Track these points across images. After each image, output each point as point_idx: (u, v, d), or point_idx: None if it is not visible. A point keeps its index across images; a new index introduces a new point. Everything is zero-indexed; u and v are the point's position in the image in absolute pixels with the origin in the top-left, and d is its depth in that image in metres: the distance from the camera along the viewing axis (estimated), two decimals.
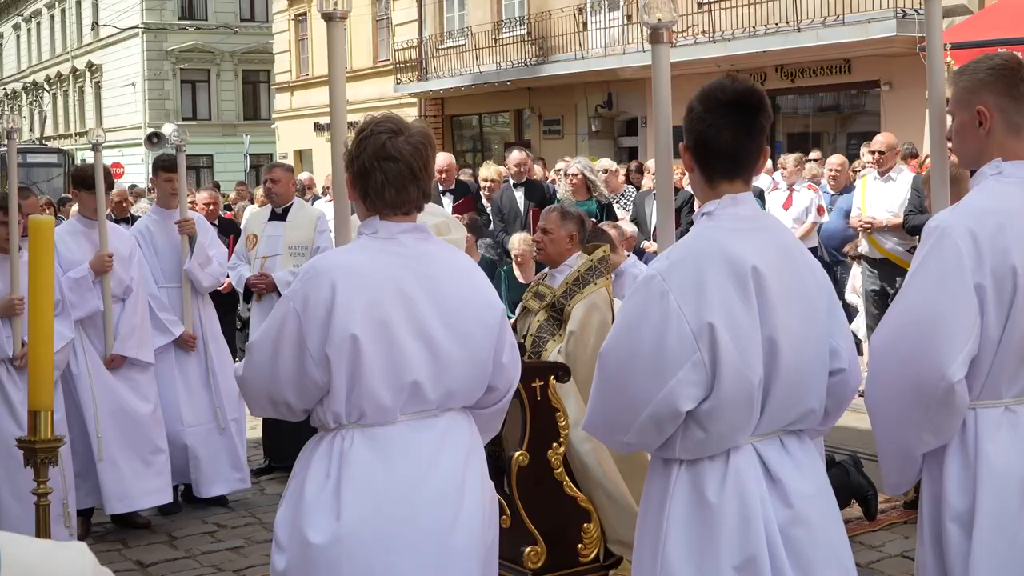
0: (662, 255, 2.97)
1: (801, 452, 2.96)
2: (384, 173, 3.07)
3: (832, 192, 11.57)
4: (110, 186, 6.95)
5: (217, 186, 21.33)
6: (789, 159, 11.82)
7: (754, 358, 2.80)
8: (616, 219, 9.96)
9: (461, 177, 11.69)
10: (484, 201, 10.88)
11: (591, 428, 3.09)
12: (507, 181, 11.04)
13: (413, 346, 3.03)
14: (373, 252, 3.10)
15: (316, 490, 3.04)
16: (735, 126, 2.91)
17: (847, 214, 9.97)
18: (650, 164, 11.91)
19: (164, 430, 6.79)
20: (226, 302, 9.28)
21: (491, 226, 10.52)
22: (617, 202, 11.01)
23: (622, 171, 13.08)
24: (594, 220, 8.70)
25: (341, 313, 2.98)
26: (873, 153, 9.46)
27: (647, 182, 11.97)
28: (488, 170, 11.18)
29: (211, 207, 9.92)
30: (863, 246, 9.34)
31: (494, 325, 3.19)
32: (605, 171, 11.43)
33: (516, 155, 10.69)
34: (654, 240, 9.94)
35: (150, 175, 8.16)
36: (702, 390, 2.79)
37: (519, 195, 10.40)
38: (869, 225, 8.99)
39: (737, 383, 2.78)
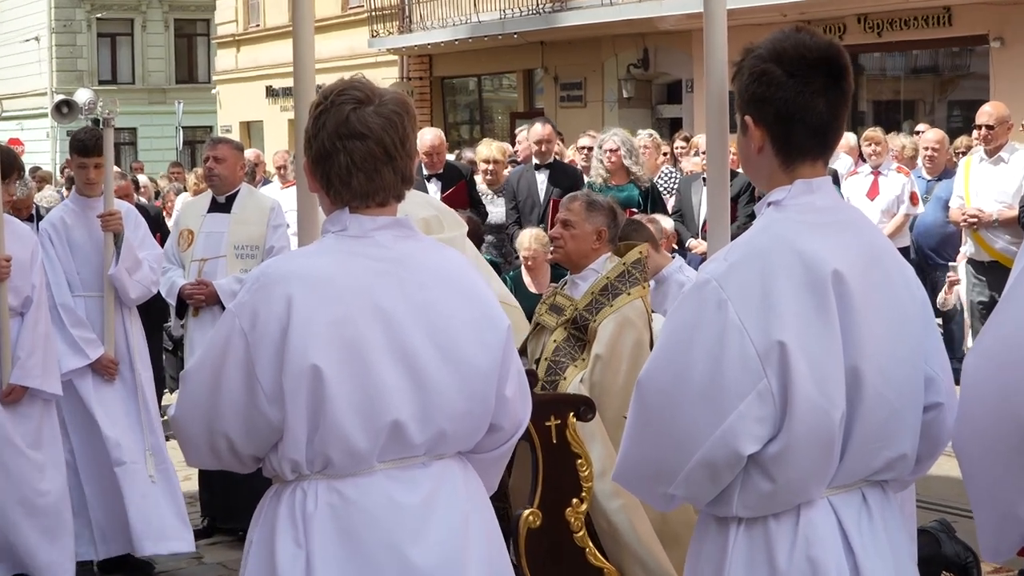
0: (718, 255, 2.98)
1: (886, 511, 2.97)
2: (349, 154, 3.07)
3: (928, 177, 11.58)
4: (7, 170, 6.93)
5: (140, 168, 21.37)
6: (875, 133, 11.81)
7: (835, 387, 2.80)
8: (665, 209, 9.95)
9: (450, 158, 11.69)
10: (483, 186, 10.86)
11: (624, 478, 3.09)
12: (514, 161, 11.03)
13: (392, 375, 3.03)
14: (341, 255, 3.10)
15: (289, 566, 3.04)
16: (828, 93, 2.92)
17: (947, 205, 9.97)
18: (699, 140, 11.90)
19: (63, 481, 6.74)
20: (151, 317, 9.28)
21: (502, 220, 10.52)
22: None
23: (664, 147, 13.04)
24: (634, 211, 8.69)
25: (299, 334, 2.97)
26: (979, 128, 9.47)
27: (687, 163, 11.97)
28: (489, 148, 11.15)
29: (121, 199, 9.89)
30: (968, 246, 9.35)
31: (497, 346, 3.19)
32: (645, 147, 11.42)
33: (539, 129, 10.68)
34: (703, 238, 9.95)
35: (64, 156, 8.18)
36: (769, 428, 2.80)
37: (541, 179, 10.36)
38: (975, 219, 9.00)
39: (813, 419, 2.78)
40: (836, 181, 11.07)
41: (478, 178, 11.07)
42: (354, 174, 3.09)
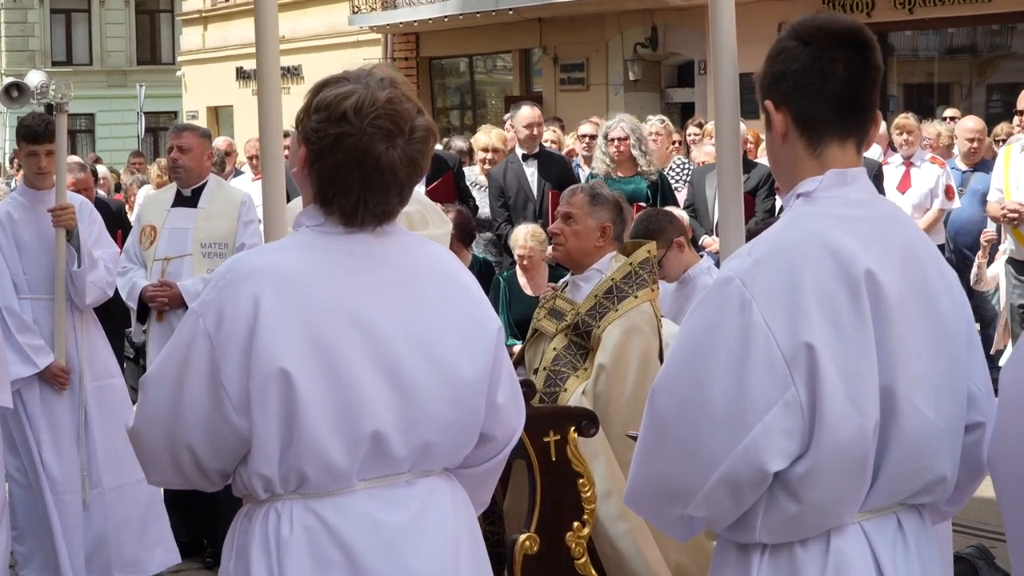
0: (741, 251, 2.99)
1: (922, 538, 2.98)
2: (365, 190, 3.07)
3: (965, 168, 11.57)
4: None
5: (98, 159, 21.35)
6: (907, 120, 11.80)
7: (867, 396, 2.81)
8: (676, 203, 9.97)
9: (438, 147, 11.68)
10: (483, 178, 10.85)
11: (635, 500, 3.09)
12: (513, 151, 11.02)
13: (372, 382, 3.04)
14: (316, 251, 3.11)
15: None
16: (850, 61, 2.96)
17: (984, 198, 9.96)
18: (712, 127, 11.89)
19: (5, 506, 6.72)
20: (113, 322, 9.25)
21: (486, 214, 10.52)
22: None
23: (676, 134, 13.02)
24: (642, 206, 8.72)
25: (267, 337, 2.98)
26: (1020, 113, 9.47)
27: (698, 152, 11.94)
28: (488, 136, 11.16)
29: (82, 193, 9.85)
30: (1008, 243, 9.34)
31: (487, 350, 3.20)
32: (657, 134, 11.42)
33: (526, 112, 10.68)
34: (719, 234, 9.94)
35: (13, 145, 8.13)
36: (797, 442, 2.80)
37: (530, 171, 10.38)
38: (1015, 214, 8.99)
39: (844, 432, 2.79)
40: (879, 175, 11.00)
41: (475, 168, 11.07)
42: (359, 210, 3.10)
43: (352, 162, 3.04)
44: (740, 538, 2.94)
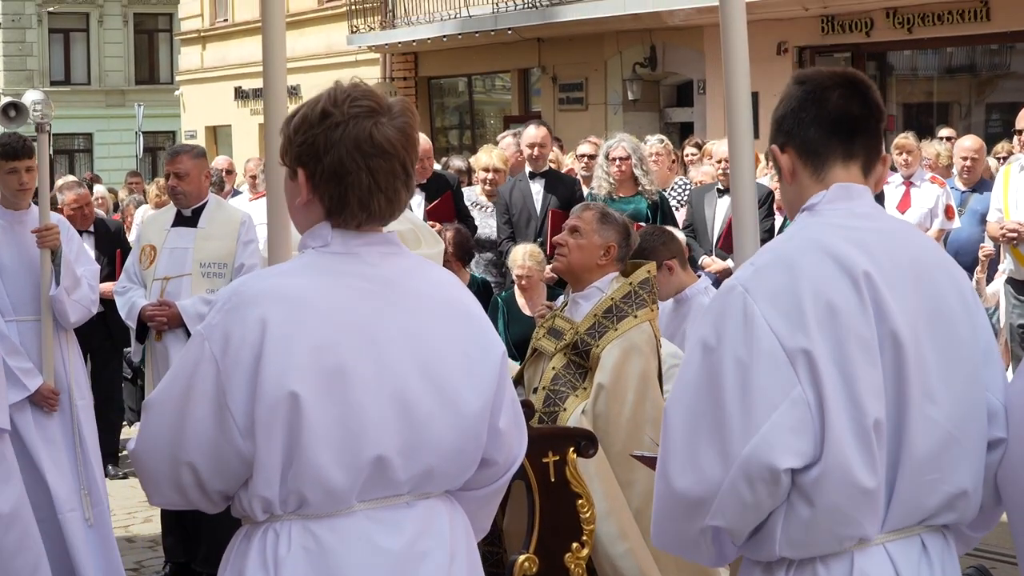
0: (747, 263, 3.04)
1: (948, 562, 2.98)
2: (372, 175, 3.05)
3: (964, 188, 11.57)
4: None
5: (96, 178, 21.35)
6: (907, 140, 11.79)
7: (867, 393, 2.83)
8: (675, 223, 9.96)
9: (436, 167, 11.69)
10: (484, 198, 10.87)
11: (660, 531, 3.10)
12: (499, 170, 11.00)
13: (377, 406, 3.03)
14: (322, 273, 3.10)
15: None
16: (843, 91, 3.04)
17: (984, 218, 9.96)
18: (712, 147, 11.89)
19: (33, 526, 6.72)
20: (114, 341, 9.26)
21: (485, 234, 10.52)
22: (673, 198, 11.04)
23: (674, 154, 13.03)
24: (641, 226, 8.74)
25: (275, 361, 2.96)
26: (1019, 133, 9.47)
27: (696, 172, 11.94)
28: (489, 156, 11.15)
29: (83, 209, 9.83)
30: (1007, 263, 9.34)
31: (491, 376, 3.20)
32: (657, 154, 11.42)
33: (533, 131, 10.70)
34: (718, 256, 9.92)
35: None
36: (808, 442, 2.82)
37: (536, 189, 10.39)
38: (1015, 234, 8.99)
39: (846, 428, 2.81)
40: (881, 196, 10.99)
41: (476, 188, 11.08)
42: (375, 196, 3.08)
43: (350, 147, 3.04)
44: (762, 555, 2.96)
